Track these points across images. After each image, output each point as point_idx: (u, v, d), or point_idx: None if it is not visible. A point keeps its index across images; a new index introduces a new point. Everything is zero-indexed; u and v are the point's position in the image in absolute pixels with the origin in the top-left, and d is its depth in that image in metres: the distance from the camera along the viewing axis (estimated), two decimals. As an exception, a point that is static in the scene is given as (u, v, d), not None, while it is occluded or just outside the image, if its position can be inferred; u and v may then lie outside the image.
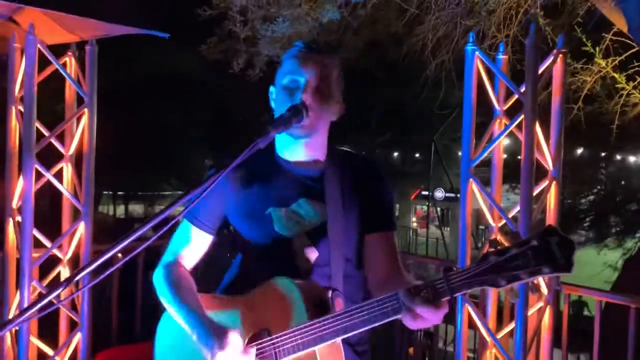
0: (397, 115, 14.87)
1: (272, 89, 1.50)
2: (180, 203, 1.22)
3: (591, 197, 11.02)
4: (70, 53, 2.98)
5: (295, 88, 1.40)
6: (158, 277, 1.48)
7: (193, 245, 1.50)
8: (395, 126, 16.22)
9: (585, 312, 9.62)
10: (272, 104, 1.49)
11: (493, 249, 1.10)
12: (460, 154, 3.02)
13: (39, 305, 1.08)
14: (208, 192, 1.39)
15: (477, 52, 2.79)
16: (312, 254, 1.42)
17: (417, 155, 20.54)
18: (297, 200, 1.44)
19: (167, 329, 1.48)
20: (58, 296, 1.15)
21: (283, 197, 1.44)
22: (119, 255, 1.19)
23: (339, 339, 1.24)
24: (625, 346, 2.82)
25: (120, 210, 19.35)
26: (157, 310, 1.54)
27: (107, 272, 1.13)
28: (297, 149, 1.46)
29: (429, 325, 1.19)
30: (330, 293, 1.32)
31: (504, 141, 3.04)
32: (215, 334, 1.28)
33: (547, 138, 2.81)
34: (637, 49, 4.63)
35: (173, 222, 1.26)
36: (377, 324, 1.20)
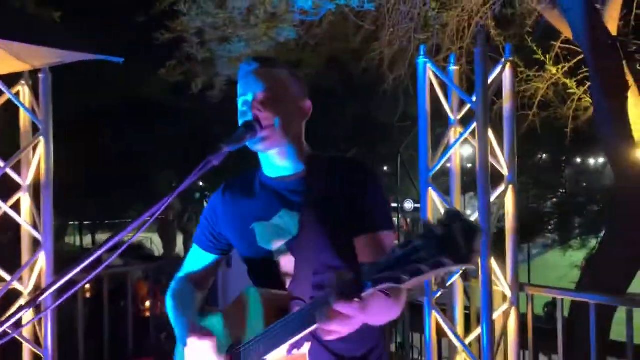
0: (363, 129, 14.99)
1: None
2: (135, 224, 1.23)
3: (554, 200, 11.28)
4: (23, 82, 2.95)
5: (247, 108, 1.44)
6: (168, 291, 1.61)
7: (198, 263, 1.63)
8: (361, 140, 16.32)
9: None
10: None
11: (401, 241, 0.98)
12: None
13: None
14: (206, 215, 1.58)
15: (428, 64, 2.87)
16: (290, 263, 1.44)
17: (384, 168, 20.69)
18: (277, 213, 1.47)
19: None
20: (19, 323, 1.14)
21: (265, 212, 1.49)
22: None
23: (288, 344, 1.23)
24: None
25: (88, 240, 18.93)
26: (126, 339, 1.58)
27: (70, 293, 1.16)
28: (273, 163, 1.48)
29: (343, 333, 1.14)
30: (291, 302, 1.34)
31: (468, 150, 3.12)
32: (190, 332, 1.39)
33: (502, 144, 2.89)
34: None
35: (128, 243, 1.32)
36: (307, 327, 1.15)
